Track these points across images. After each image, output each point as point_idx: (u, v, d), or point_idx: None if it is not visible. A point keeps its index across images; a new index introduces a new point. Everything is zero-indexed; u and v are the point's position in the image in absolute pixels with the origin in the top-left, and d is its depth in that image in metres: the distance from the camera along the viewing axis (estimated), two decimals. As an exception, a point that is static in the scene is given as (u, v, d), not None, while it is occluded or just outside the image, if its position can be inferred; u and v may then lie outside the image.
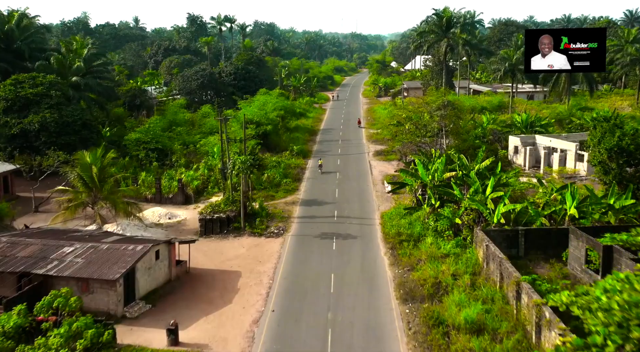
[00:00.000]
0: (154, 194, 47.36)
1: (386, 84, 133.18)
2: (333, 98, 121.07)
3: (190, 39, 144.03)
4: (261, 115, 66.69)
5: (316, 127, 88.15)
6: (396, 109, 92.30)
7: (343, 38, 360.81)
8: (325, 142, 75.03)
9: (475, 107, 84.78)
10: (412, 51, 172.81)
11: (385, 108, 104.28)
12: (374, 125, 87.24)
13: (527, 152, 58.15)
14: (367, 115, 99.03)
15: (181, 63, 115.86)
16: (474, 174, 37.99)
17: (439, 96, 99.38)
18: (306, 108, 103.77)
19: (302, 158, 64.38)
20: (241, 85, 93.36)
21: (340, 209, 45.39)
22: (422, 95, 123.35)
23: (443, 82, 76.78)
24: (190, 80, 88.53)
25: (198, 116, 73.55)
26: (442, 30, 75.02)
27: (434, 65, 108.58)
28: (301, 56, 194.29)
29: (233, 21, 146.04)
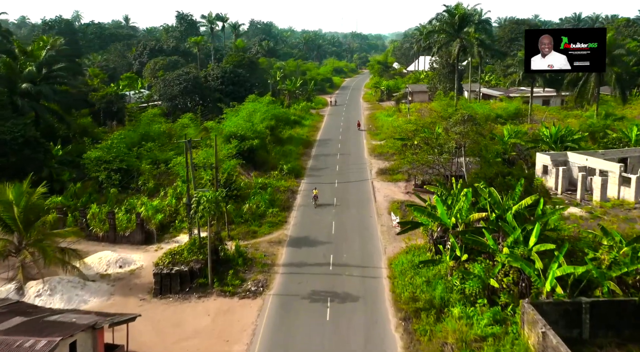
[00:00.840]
0: (107, 232, 38.25)
1: (389, 87, 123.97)
2: (331, 103, 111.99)
3: (179, 39, 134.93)
4: (246, 127, 57.54)
5: (312, 137, 79.04)
6: (401, 117, 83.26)
7: (343, 38, 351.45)
8: (321, 157, 65.87)
9: (489, 115, 75.75)
10: (416, 52, 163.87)
11: (388, 114, 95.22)
12: (376, 135, 78.14)
13: (560, 174, 49.03)
14: (369, 123, 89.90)
15: (167, 65, 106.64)
16: (511, 217, 28.86)
17: (448, 103, 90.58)
18: (302, 115, 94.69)
19: (294, 178, 55.26)
20: (229, 90, 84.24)
21: (338, 252, 36.31)
22: (427, 100, 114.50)
23: (455, 87, 67.75)
24: (171, 85, 79.38)
25: (178, 127, 64.38)
26: (454, 29, 66.02)
27: (442, 68, 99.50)
28: (299, 57, 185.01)
29: (225, 20, 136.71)
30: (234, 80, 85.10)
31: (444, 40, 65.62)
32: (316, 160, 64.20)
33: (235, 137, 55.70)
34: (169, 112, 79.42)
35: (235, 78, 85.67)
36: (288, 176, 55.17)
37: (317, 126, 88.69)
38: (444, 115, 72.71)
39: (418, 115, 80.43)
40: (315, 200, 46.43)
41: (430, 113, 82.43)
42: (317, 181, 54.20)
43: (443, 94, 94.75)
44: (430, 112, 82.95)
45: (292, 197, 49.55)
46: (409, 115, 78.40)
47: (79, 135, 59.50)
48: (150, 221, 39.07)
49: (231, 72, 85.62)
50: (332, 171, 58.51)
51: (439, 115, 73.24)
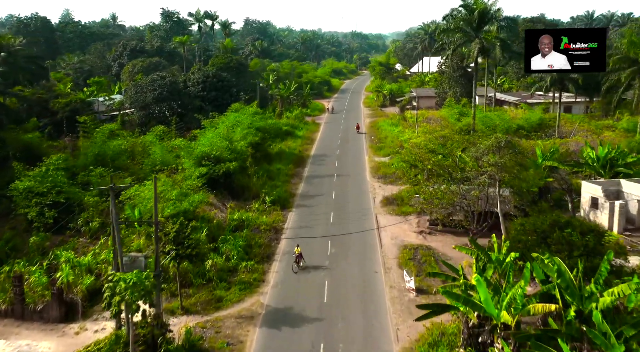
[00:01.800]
0: (11, 305, 27.74)
1: (392, 91, 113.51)
2: (328, 110, 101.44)
3: (164, 39, 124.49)
4: (223, 147, 46.97)
5: (305, 152, 68.57)
6: (408, 129, 72.77)
7: (343, 37, 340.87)
8: (315, 179, 55.38)
9: (510, 126, 65.37)
10: (420, 52, 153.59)
11: (392, 123, 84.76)
12: (379, 149, 67.65)
13: (616, 210, 38.62)
14: (371, 133, 79.41)
15: (147, 67, 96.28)
16: (599, 317, 18.39)
17: (460, 111, 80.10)
18: (295, 124, 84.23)
19: (280, 209, 44.81)
20: (212, 97, 73.80)
21: (331, 338, 25.83)
22: (435, 107, 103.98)
23: (473, 94, 57.61)
24: (144, 91, 68.98)
25: (146, 143, 53.86)
26: (472, 27, 55.53)
27: (452, 71, 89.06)
28: (295, 57, 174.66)
29: (215, 18, 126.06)
30: (217, 86, 74.61)
31: (460, 40, 55.23)
32: (309, 183, 53.70)
33: (208, 160, 45.26)
34: (143, 122, 69.14)
35: (219, 83, 75.16)
36: (272, 206, 44.74)
37: (312, 137, 78.22)
38: (458, 129, 62.52)
39: (428, 126, 70.07)
40: (297, 261, 33.78)
41: (441, 124, 72.12)
42: (309, 215, 43.79)
43: (454, 101, 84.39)
44: (441, 123, 72.63)
45: (276, 238, 39.06)
46: (417, 127, 67.98)
47: (21, 155, 49.08)
48: (75, 287, 28.56)
49: (214, 76, 75.11)
50: (326, 200, 48.02)
51: (453, 130, 63.18)
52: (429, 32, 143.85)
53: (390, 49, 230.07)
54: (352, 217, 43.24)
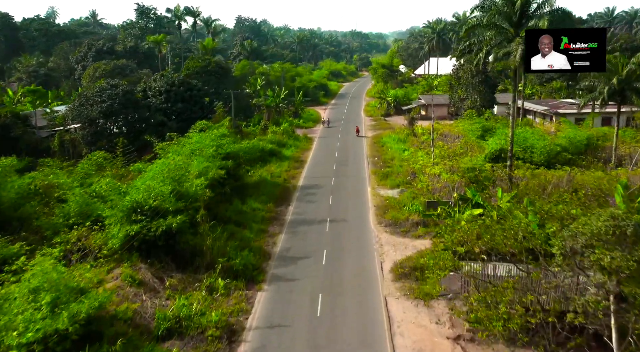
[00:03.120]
0: None
1: (397, 98, 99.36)
2: (324, 123, 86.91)
3: (140, 38, 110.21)
4: (164, 194, 32.46)
5: (292, 180, 54.43)
6: (422, 152, 58.40)
7: (342, 36, 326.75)
8: (300, 226, 41.13)
9: (550, 149, 51.29)
10: (427, 53, 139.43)
11: (400, 139, 70.65)
12: (385, 177, 53.52)
13: None
14: (374, 154, 65.25)
15: (111, 71, 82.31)
16: None
17: (483, 125, 65.83)
18: (283, 141, 70.09)
19: (244, 287, 30.60)
20: (178, 109, 59.58)
21: None
22: (447, 116, 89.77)
23: (512, 109, 43.87)
24: (89, 104, 54.92)
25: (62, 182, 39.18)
26: (511, 22, 41.39)
27: (470, 76, 74.88)
28: (289, 59, 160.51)
29: (196, 14, 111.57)
30: (184, 96, 60.32)
31: (494, 40, 41.19)
32: (291, 234, 39.41)
33: (142, 213, 31.03)
34: (90, 142, 55.19)
35: (187, 92, 60.85)
36: (234, 283, 30.58)
37: (302, 158, 64.01)
38: (489, 154, 48.58)
39: (445, 147, 55.98)
40: None
41: (462, 143, 57.90)
42: (286, 298, 29.56)
43: (476, 114, 70.25)
44: (462, 142, 58.39)
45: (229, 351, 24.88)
46: (432, 149, 53.69)
47: None
48: None
49: (181, 84, 60.80)
50: (314, 268, 33.67)
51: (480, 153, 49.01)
52: (436, 30, 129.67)
53: (393, 49, 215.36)
54: (349, 304, 28.99)
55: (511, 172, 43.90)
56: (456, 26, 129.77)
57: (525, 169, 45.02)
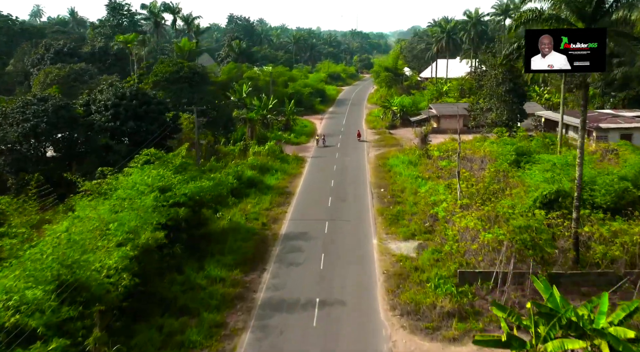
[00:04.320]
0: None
1: (404, 107, 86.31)
2: (318, 142, 72.34)
3: (110, 38, 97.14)
4: (35, 300, 19.36)
5: (273, 225, 41.24)
6: (441, 186, 45.21)
7: (342, 36, 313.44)
8: (276, 315, 27.76)
9: (619, 187, 38.06)
10: (434, 54, 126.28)
11: (410, 162, 57.77)
12: (396, 221, 40.53)
13: None
14: (380, 182, 52.26)
15: (66, 76, 69.39)
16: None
17: (516, 147, 52.65)
18: (268, 164, 57.10)
19: None
20: (129, 129, 46.45)
21: None
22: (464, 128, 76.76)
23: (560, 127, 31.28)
24: (10, 123, 41.94)
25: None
26: (582, 15, 28.64)
27: (495, 84, 61.89)
28: (283, 61, 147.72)
29: (176, 11, 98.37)
30: (137, 111, 47.21)
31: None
32: (260, 335, 26.06)
33: None
34: (10, 170, 42.34)
35: (142, 107, 47.71)
36: None
37: (289, 189, 50.94)
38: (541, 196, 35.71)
39: (472, 179, 43.09)
40: None
41: (496, 174, 44.79)
42: None
43: (506, 132, 57.36)
44: (495, 173, 45.27)
45: None
46: (458, 184, 40.38)
47: None
48: None
49: (134, 96, 47.66)
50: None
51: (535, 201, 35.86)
52: (446, 29, 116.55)
53: (395, 50, 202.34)
54: None
55: (577, 228, 31.01)
56: (467, 25, 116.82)
57: (595, 223, 32.10)
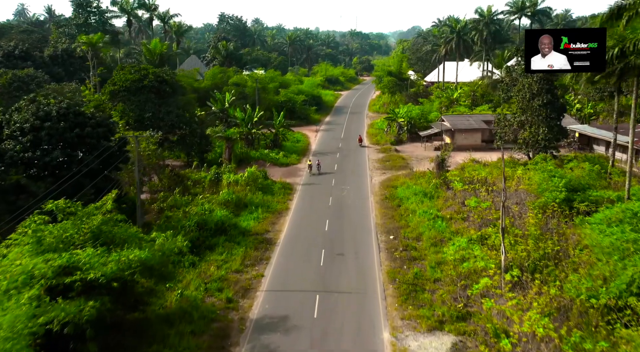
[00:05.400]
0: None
1: (411, 119, 74.59)
2: (311, 169, 56.87)
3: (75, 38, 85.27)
4: None
5: (242, 302, 29.43)
6: (478, 250, 33.20)
7: (341, 36, 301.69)
8: None
9: None
10: (442, 56, 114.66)
11: (425, 193, 46.21)
12: (414, 295, 28.87)
13: None
14: (388, 223, 40.62)
15: (7, 85, 57.67)
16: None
17: (563, 181, 40.38)
18: (246, 198, 45.33)
19: None
20: (53, 162, 34.60)
21: None
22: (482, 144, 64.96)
23: None
24: None
25: None
26: None
27: (529, 97, 50.18)
28: (276, 64, 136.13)
29: (151, 8, 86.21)
30: (66, 137, 35.39)
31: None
32: None
33: None
34: None
35: (74, 130, 35.91)
36: None
37: (268, 237, 39.02)
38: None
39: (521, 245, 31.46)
40: None
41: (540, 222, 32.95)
42: None
43: (550, 157, 45.70)
44: (543, 220, 33.45)
45: None
46: (503, 256, 28.53)
47: None
48: None
49: (62, 117, 35.83)
50: None
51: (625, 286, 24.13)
52: (456, 29, 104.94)
53: (397, 51, 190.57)
54: None
55: None
56: (479, 24, 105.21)
57: None
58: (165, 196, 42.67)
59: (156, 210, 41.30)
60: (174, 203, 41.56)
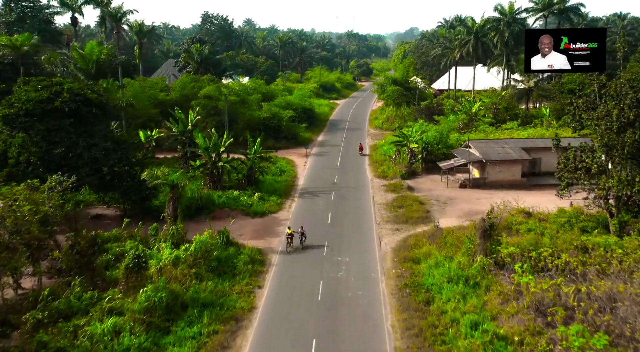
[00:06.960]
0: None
1: (427, 145, 58.08)
2: (291, 242, 36.54)
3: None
4: None
5: None
6: None
7: (337, 38, 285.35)
8: None
9: None
10: (452, 61, 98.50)
11: (460, 274, 29.64)
12: None
13: None
14: (404, 315, 24.20)
15: None
16: None
17: None
18: (182, 298, 28.62)
19: None
20: None
21: None
22: (520, 180, 47.53)
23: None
24: None
25: None
26: None
27: (618, 128, 33.68)
28: (264, 69, 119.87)
29: (103, 3, 69.34)
30: None
31: None
32: None
33: None
34: None
35: None
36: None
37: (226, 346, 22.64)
38: None
39: None
40: None
41: None
42: None
43: None
44: None
45: None
46: None
47: None
48: None
49: None
50: None
51: None
52: (474, 30, 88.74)
53: (397, 54, 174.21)
54: None
55: None
56: (500, 24, 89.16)
57: None
58: (54, 291, 26.33)
59: (29, 325, 24.85)
60: (60, 311, 25.33)
